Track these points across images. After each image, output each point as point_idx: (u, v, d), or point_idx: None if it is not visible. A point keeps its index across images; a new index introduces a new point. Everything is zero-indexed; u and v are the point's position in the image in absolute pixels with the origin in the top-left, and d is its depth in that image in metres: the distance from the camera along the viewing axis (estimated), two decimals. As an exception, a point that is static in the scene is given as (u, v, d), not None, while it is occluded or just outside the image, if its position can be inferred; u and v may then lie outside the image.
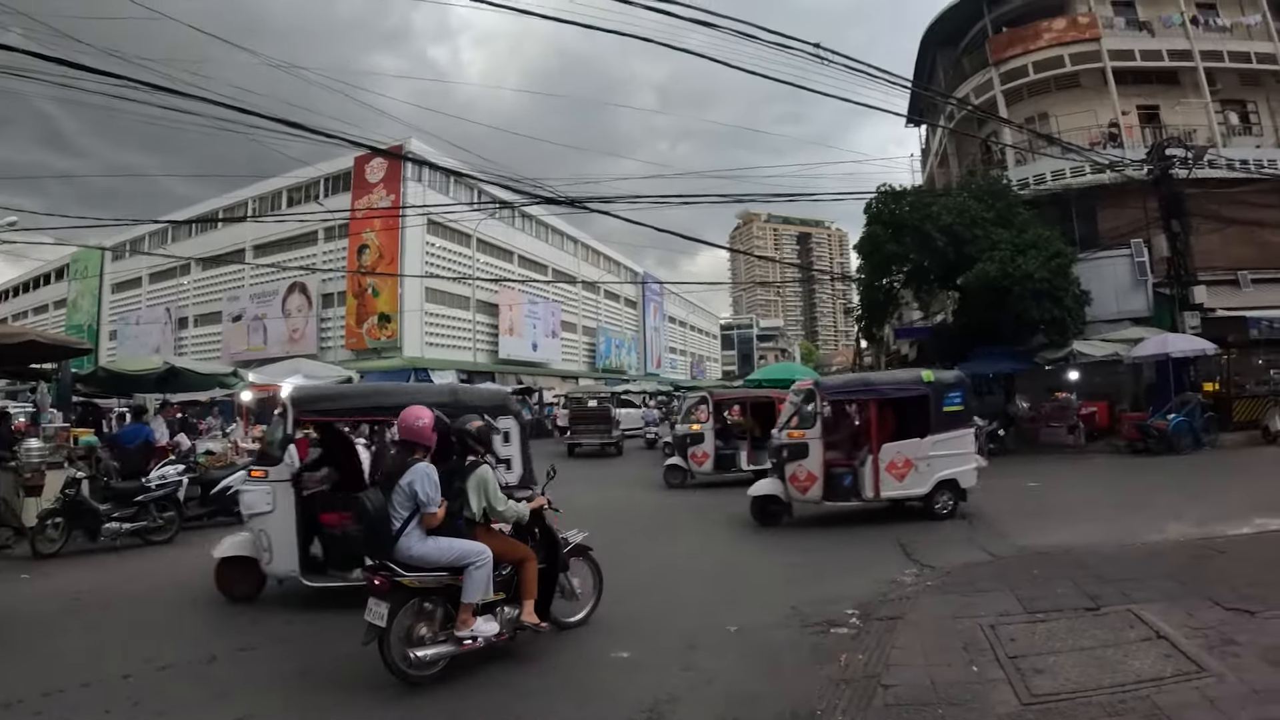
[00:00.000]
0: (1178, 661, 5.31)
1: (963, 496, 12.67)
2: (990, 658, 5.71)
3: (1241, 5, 29.51)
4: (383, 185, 48.33)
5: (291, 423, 8.36)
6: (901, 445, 12.43)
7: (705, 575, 9.40)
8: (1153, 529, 10.43)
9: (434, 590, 5.98)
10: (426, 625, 5.95)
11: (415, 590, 5.87)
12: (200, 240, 56.54)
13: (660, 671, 6.06)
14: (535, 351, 59.82)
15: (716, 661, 6.27)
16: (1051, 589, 7.43)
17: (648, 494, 17.66)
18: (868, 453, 12.48)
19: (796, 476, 12.29)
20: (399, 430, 6.39)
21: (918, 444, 12.43)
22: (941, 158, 38.76)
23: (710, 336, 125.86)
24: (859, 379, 15.79)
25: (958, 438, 12.77)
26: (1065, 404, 22.90)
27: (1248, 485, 14.17)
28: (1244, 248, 25.40)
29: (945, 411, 12.69)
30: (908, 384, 13.14)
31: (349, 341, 48.69)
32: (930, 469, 12.43)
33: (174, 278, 58.82)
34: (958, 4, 32.87)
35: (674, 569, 9.75)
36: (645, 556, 10.45)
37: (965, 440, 12.95)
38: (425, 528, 5.96)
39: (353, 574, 7.86)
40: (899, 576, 8.79)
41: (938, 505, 12.48)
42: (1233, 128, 28.90)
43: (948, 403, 12.76)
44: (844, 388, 14.03)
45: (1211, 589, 6.95)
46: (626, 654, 6.47)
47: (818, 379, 15.03)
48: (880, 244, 24.18)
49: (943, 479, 12.45)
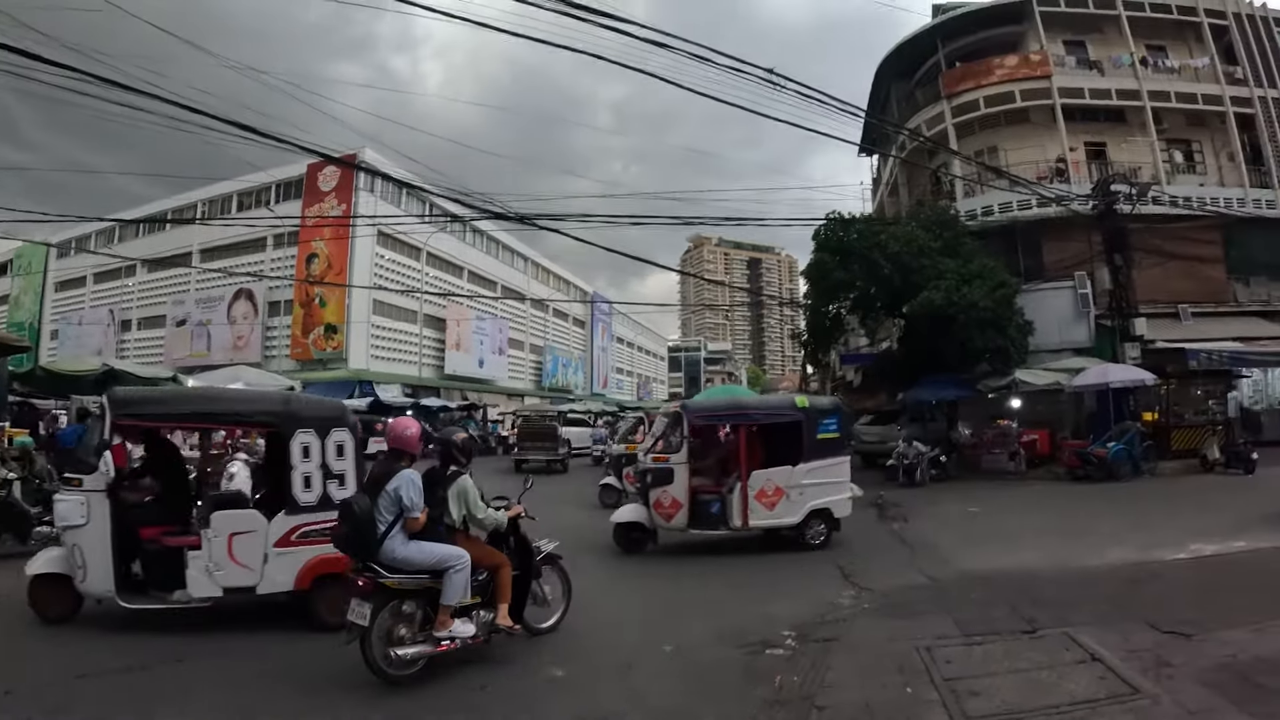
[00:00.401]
0: (1112, 683, 5.34)
1: (836, 526, 12.29)
2: (925, 680, 5.70)
3: (1190, 48, 30.42)
4: (335, 194, 48.03)
5: (109, 426, 7.73)
6: (772, 473, 11.88)
7: (644, 594, 9.33)
8: (1091, 554, 10.50)
9: (414, 592, 6.21)
10: (406, 626, 6.17)
11: (396, 592, 6.11)
12: (147, 241, 55.38)
13: (594, 691, 6.01)
14: (482, 368, 59.67)
15: (651, 681, 6.21)
16: (988, 612, 7.50)
17: (589, 511, 17.53)
18: (737, 479, 11.89)
19: (661, 503, 11.67)
20: (388, 439, 6.71)
21: (789, 472, 11.89)
22: (892, 187, 39.20)
23: (658, 358, 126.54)
24: (730, 402, 15.43)
25: (832, 466, 12.30)
26: (1007, 431, 23.10)
27: (1185, 512, 14.33)
28: (1185, 282, 26.05)
29: (819, 439, 12.21)
30: (781, 409, 12.81)
31: (294, 351, 48.13)
32: (802, 498, 11.91)
33: (119, 278, 57.59)
34: (914, 38, 33.42)
35: (613, 587, 9.65)
36: (584, 573, 10.36)
37: (840, 469, 12.47)
38: (408, 532, 6.22)
39: (173, 595, 7.43)
40: (837, 599, 8.77)
41: (810, 535, 12.01)
42: (1177, 165, 29.65)
43: (822, 430, 12.30)
44: (713, 411, 13.82)
45: (1148, 613, 7.05)
46: (561, 672, 6.38)
47: (685, 402, 14.87)
48: (828, 270, 24.28)
49: (815, 508, 11.94)
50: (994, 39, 31.24)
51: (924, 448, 20.93)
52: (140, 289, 56.77)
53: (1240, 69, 29.66)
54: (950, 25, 32.19)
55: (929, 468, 20.73)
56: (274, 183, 49.26)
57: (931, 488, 19.89)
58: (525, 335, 70.18)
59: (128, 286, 57.08)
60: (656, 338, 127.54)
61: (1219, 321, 25.85)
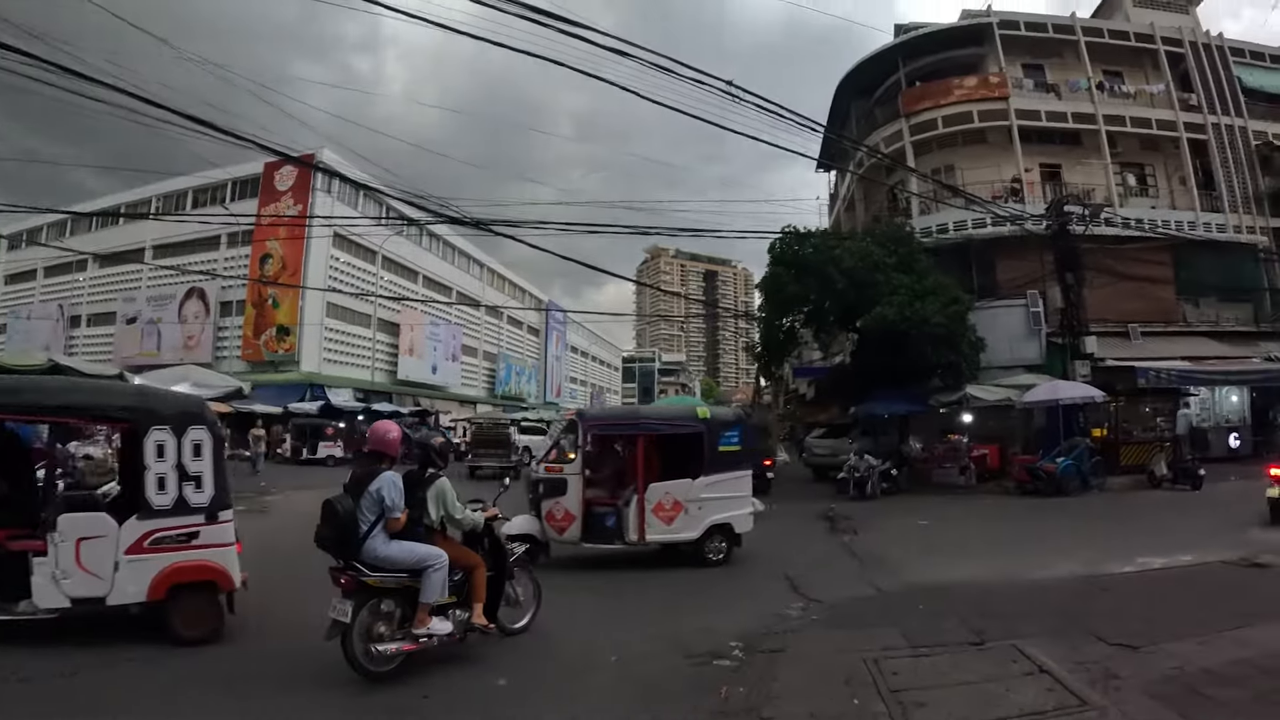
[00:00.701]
0: (1060, 696, 5.30)
1: (737, 542, 11.83)
2: (873, 691, 5.63)
3: (1147, 74, 31.03)
4: (291, 194, 47.50)
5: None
6: (670, 485, 11.38)
7: (590, 603, 9.16)
8: (1039, 567, 10.53)
9: (393, 591, 6.35)
10: (385, 624, 6.28)
11: (377, 590, 6.25)
12: (99, 236, 54.41)
13: (537, 701, 5.91)
14: (435, 374, 59.19)
15: (596, 692, 6.10)
16: (936, 624, 7.46)
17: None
18: (633, 492, 11.36)
19: (553, 514, 11.16)
20: (369, 441, 6.89)
21: (688, 485, 11.41)
22: (849, 203, 39.49)
23: (611, 368, 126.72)
24: (628, 411, 14.88)
25: (733, 479, 11.86)
26: (957, 446, 23.26)
27: (1132, 527, 14.50)
28: (1135, 302, 26.47)
29: (721, 451, 11.77)
30: (681, 421, 12.41)
31: (245, 352, 47.51)
32: (702, 512, 11.42)
33: (70, 273, 56.22)
34: (874, 57, 33.70)
35: (554, 597, 9.50)
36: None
37: (741, 482, 12.05)
38: (389, 532, 6.37)
39: (19, 606, 6.70)
40: (785, 610, 8.67)
41: (709, 551, 11.52)
42: (1130, 188, 30.24)
43: (724, 442, 11.87)
44: (610, 420, 13.66)
45: (1096, 625, 7.05)
46: (503, 681, 6.26)
47: (581, 410, 14.65)
48: (783, 284, 24.24)
49: (716, 523, 11.48)
50: (954, 60, 31.61)
51: (875, 461, 20.97)
52: (91, 284, 55.49)
53: (1195, 96, 30.29)
54: (912, 45, 32.56)
55: (880, 481, 20.76)
56: (230, 180, 48.36)
57: (882, 501, 19.92)
58: (479, 342, 69.82)
59: (78, 281, 55.83)
60: (611, 348, 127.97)
61: (1168, 341, 26.30)
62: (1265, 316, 28.97)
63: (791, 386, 47.43)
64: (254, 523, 16.20)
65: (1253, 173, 30.16)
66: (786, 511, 19.04)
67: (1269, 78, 32.27)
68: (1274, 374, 24.48)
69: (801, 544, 12.86)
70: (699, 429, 11.77)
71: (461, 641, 6.73)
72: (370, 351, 52.26)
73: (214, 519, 7.29)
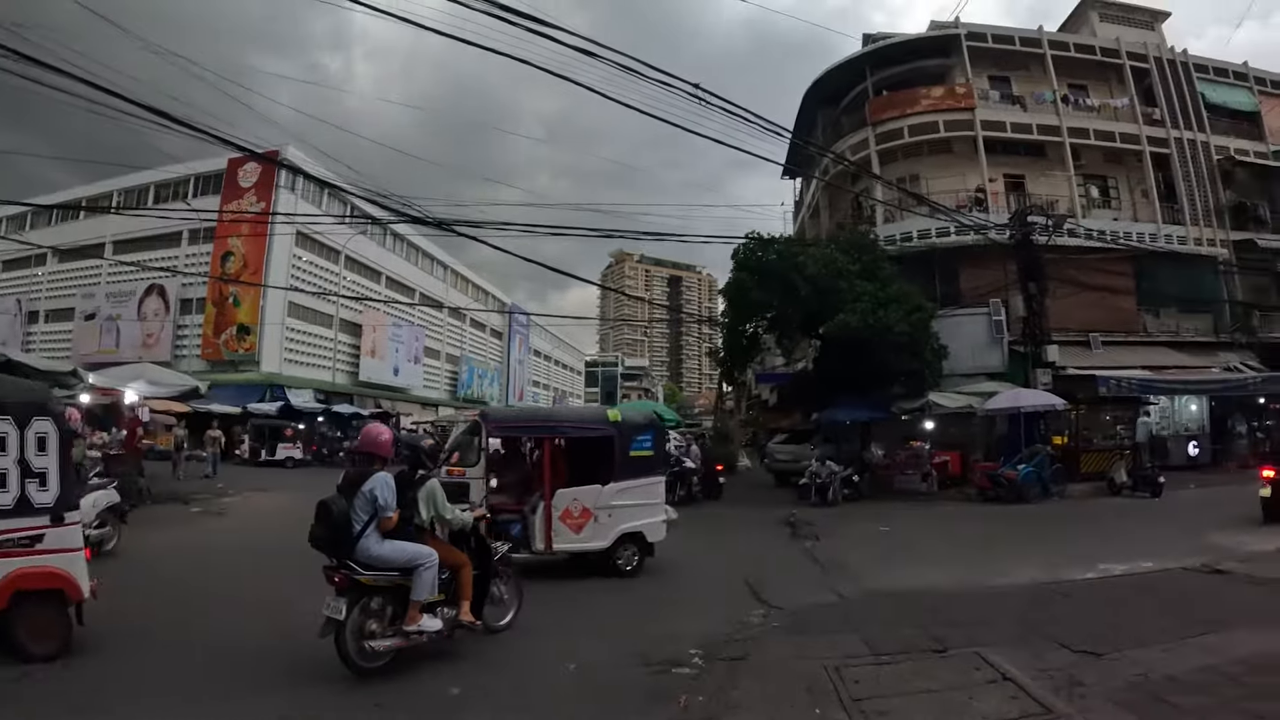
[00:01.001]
0: (1024, 704, 5.20)
1: (649, 551, 11.35)
2: (834, 700, 5.51)
3: (1111, 88, 31.37)
4: (254, 191, 46.87)
5: None
6: (579, 492, 10.88)
7: (546, 609, 8.75)
8: (1000, 573, 10.48)
9: (385, 589, 6.52)
10: (376, 621, 6.46)
11: (369, 588, 6.42)
12: (58, 230, 53.25)
13: (490, 711, 5.76)
14: (397, 376, 58.56)
15: (551, 702, 5.96)
16: (898, 631, 7.36)
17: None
18: (540, 498, 10.80)
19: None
20: (360, 443, 7.07)
21: (598, 491, 10.92)
22: (814, 210, 39.56)
23: (575, 372, 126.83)
24: (535, 412, 14.07)
25: (645, 486, 11.39)
26: (919, 452, 23.27)
27: (1093, 533, 14.49)
28: (1096, 311, 26.63)
29: (632, 456, 11.29)
30: (590, 423, 11.95)
31: (205, 351, 46.71)
32: (612, 520, 10.93)
33: (28, 267, 55.30)
34: (842, 65, 33.69)
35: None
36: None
37: (654, 489, 11.62)
38: (382, 531, 6.52)
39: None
40: (746, 616, 8.56)
41: (620, 561, 11.02)
42: (1093, 200, 30.47)
43: (636, 446, 11.40)
44: (515, 421, 13.09)
45: (1058, 631, 6.97)
46: (457, 690, 6.10)
47: (485, 409, 14.22)
48: (746, 290, 24.09)
49: (627, 532, 11.02)
50: (921, 70, 31.70)
51: (837, 467, 20.92)
52: (50, 279, 54.48)
53: (1159, 110, 30.60)
54: (880, 54, 32.61)
55: (841, 487, 20.70)
56: (193, 175, 47.60)
57: (844, 507, 19.85)
58: (442, 344, 69.29)
59: (37, 276, 54.89)
60: (574, 352, 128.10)
61: (1129, 350, 26.56)
62: (1224, 327, 29.37)
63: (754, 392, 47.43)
64: (212, 523, 15.95)
65: (1214, 186, 30.50)
66: (748, 517, 19.07)
67: (1231, 94, 32.72)
68: (1233, 384, 24.76)
69: (763, 550, 12.73)
70: (609, 433, 11.32)
71: (449, 639, 6.87)
72: (332, 352, 51.75)
73: (60, 521, 6.69)
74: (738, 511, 20.40)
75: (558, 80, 11.99)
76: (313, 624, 6.31)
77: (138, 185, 51.45)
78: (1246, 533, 12.86)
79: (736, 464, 36.50)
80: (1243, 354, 28.14)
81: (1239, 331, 29.16)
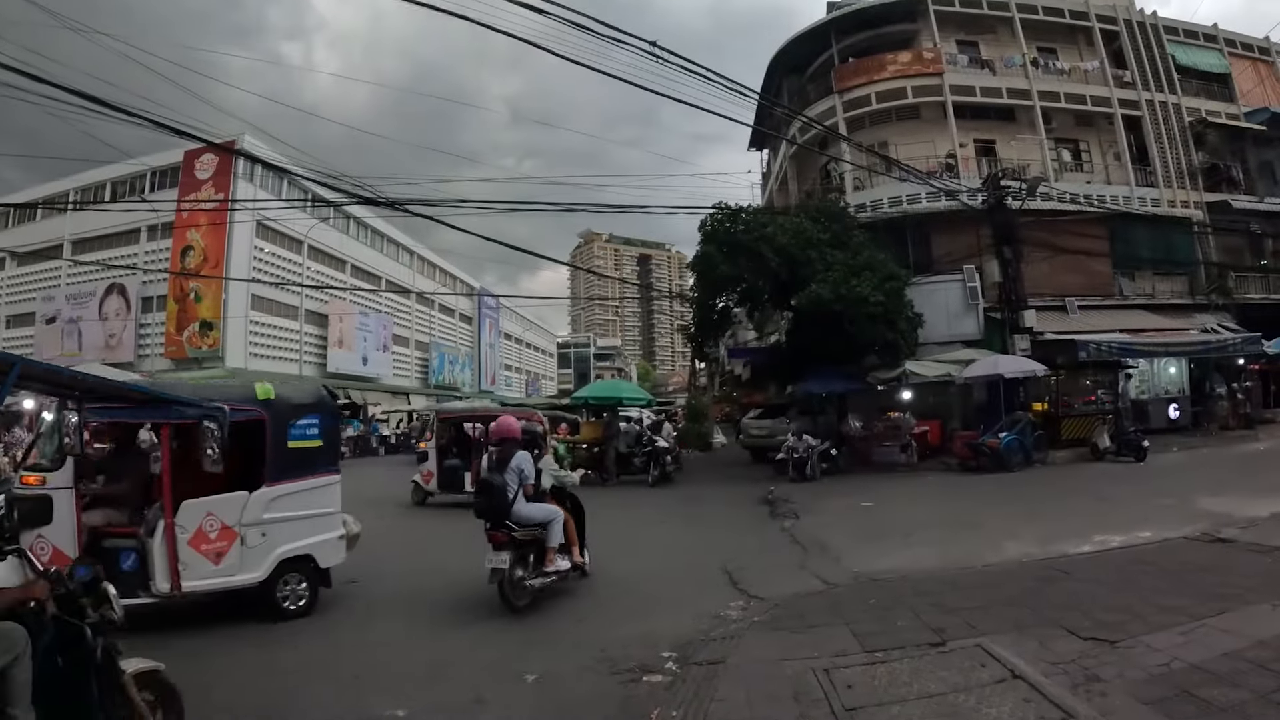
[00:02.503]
0: (1041, 707, 4.54)
1: (324, 580, 8.50)
2: (825, 709, 4.83)
3: (1081, 51, 30.94)
4: (212, 183, 45.64)
5: None
6: (215, 503, 7.62)
7: (502, 609, 8.00)
8: (992, 549, 9.84)
9: (528, 542, 8.22)
10: (523, 568, 8.14)
11: (522, 542, 8.18)
12: (15, 233, 52.21)
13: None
14: (366, 366, 57.41)
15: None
16: (891, 621, 6.66)
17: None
18: (160, 513, 7.41)
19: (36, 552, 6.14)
20: (497, 431, 8.85)
21: (243, 501, 7.76)
22: (781, 181, 38.89)
23: (547, 355, 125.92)
24: (146, 385, 8.54)
25: (313, 490, 8.40)
26: (899, 423, 22.81)
27: (1082, 502, 13.89)
28: (1071, 275, 26.37)
29: (292, 449, 8.27)
30: (234, 401, 7.63)
31: (169, 349, 45.58)
32: (266, 541, 7.85)
33: (-14, 273, 53.96)
34: (806, 33, 33.13)
35: (465, 598, 8.52)
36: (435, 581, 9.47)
37: (325, 494, 8.60)
38: (525, 495, 8.32)
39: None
40: (724, 610, 7.88)
41: (283, 597, 8.08)
42: (1065, 164, 30.04)
43: (296, 435, 8.34)
44: (112, 397, 7.44)
45: (1063, 615, 6.34)
46: (403, 713, 5.45)
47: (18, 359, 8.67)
48: (714, 263, 23.47)
49: (290, 555, 8.06)
50: (887, 36, 31.14)
51: (814, 441, 20.42)
52: (9, 284, 53.09)
53: (1129, 73, 30.25)
54: (844, 21, 31.98)
55: (819, 461, 20.24)
56: (149, 170, 46.73)
57: (823, 482, 19.39)
58: (410, 332, 68.05)
59: (-4, 281, 53.52)
60: (546, 334, 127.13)
61: (1105, 314, 26.22)
62: (1200, 289, 29.12)
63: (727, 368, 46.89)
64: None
65: (1186, 149, 30.18)
66: (724, 496, 18.57)
67: (1201, 56, 32.50)
68: (1213, 345, 24.56)
69: (740, 532, 12.14)
70: (257, 414, 7.96)
71: (568, 577, 8.76)
72: (298, 344, 50.83)
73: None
74: (713, 490, 19.89)
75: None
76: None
77: (94, 183, 50.05)
78: (1239, 496, 12.42)
79: (711, 441, 36.08)
80: (1219, 315, 27.91)
81: (1215, 293, 28.89)
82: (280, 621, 7.86)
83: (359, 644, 7.19)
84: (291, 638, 7.45)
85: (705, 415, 39.71)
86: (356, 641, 7.29)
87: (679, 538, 12.02)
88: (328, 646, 7.15)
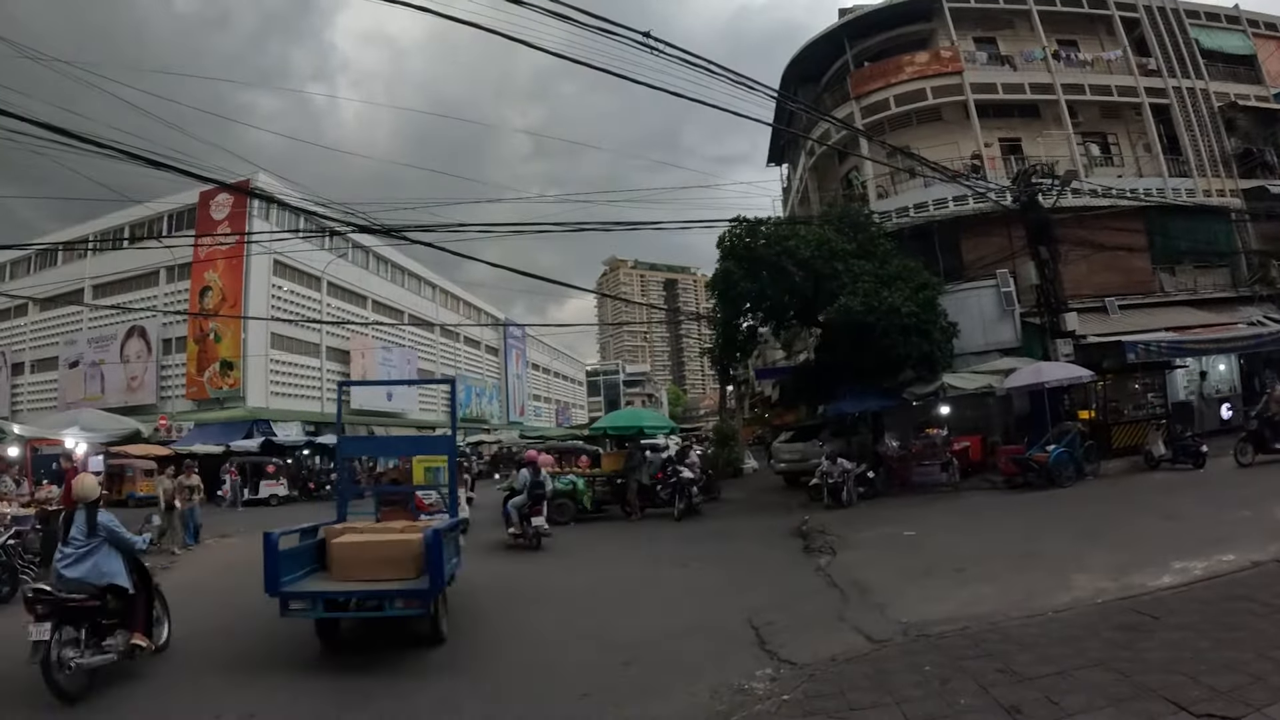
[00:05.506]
0: None
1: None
2: None
3: (1102, 41, 30.10)
4: (228, 223, 45.79)
5: None
6: None
7: (452, 668, 7.17)
8: (1060, 586, 8.41)
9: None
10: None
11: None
12: (37, 278, 52.47)
13: None
14: (390, 400, 56.86)
15: None
16: (953, 699, 5.34)
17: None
18: None
19: None
20: (525, 458, 15.53)
21: None
22: (802, 195, 38.14)
23: (576, 383, 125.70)
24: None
25: None
26: (936, 440, 21.69)
27: (1147, 520, 12.47)
28: (1110, 274, 25.34)
29: None
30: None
31: (189, 390, 45.92)
32: None
33: (10, 319, 54.93)
34: (819, 40, 32.49)
35: (451, 663, 7.54)
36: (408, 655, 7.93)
37: None
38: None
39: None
40: (748, 683, 6.44)
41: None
42: (1094, 158, 29.23)
43: None
44: None
45: (1165, 682, 5.03)
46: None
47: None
48: (734, 280, 22.53)
49: None
50: (902, 38, 30.57)
51: (849, 464, 19.34)
52: (32, 329, 53.94)
53: (1153, 60, 29.32)
54: (857, 25, 31.40)
55: (856, 486, 19.18)
56: (166, 212, 46.84)
57: (860, 508, 18.31)
58: (435, 365, 67.61)
59: (20, 327, 54.48)
60: (574, 362, 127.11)
61: (1147, 313, 25.10)
62: (1242, 280, 27.86)
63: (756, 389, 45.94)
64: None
65: (1217, 135, 29.13)
66: (754, 527, 17.54)
67: (1226, 38, 31.44)
68: (1265, 338, 23.09)
69: (771, 574, 11.10)
70: None
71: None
72: (319, 382, 50.43)
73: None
74: (742, 523, 18.75)
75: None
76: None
77: (112, 226, 50.41)
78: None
79: (742, 467, 35.08)
80: (1264, 307, 26.53)
81: (1258, 284, 27.56)
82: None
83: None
84: None
85: (735, 439, 38.60)
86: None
87: (701, 582, 10.93)
88: None
